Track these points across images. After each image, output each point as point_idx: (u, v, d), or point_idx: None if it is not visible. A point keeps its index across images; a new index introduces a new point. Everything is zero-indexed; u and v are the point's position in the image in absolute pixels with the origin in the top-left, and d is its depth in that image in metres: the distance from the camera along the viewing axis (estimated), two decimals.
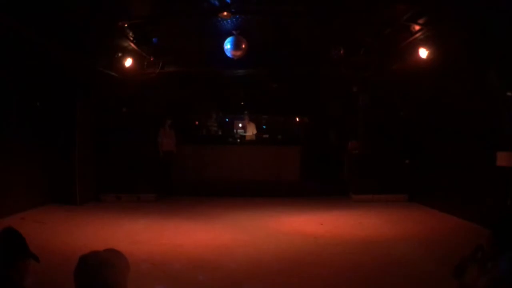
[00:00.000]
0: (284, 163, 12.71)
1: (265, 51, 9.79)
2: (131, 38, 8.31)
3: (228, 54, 8.27)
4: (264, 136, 14.26)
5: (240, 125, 14.66)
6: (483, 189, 7.81)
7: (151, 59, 9.93)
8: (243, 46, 8.13)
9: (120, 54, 9.14)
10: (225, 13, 7.17)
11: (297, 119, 15.45)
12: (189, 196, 11.36)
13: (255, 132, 13.97)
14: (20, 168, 8.80)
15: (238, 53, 8.22)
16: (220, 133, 14.33)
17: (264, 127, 15.25)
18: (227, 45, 8.14)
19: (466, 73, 8.29)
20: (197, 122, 15.09)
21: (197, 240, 7.29)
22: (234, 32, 8.14)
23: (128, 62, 9.28)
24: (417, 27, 7.56)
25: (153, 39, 8.53)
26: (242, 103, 14.78)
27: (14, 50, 7.50)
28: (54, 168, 9.94)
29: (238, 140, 13.89)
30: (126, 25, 7.60)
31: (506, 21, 6.17)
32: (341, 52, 9.27)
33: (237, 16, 7.57)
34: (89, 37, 7.91)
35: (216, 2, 6.75)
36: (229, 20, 7.78)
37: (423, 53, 8.02)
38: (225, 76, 11.83)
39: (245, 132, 14.13)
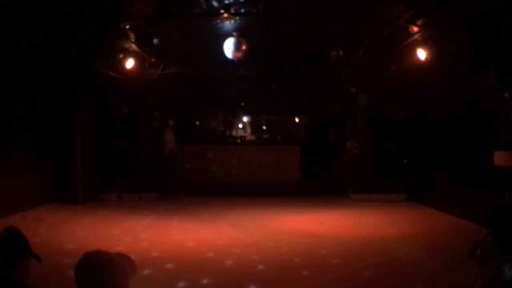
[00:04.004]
0: (284, 163, 12.75)
1: (265, 52, 9.82)
2: (133, 39, 8.35)
3: (229, 55, 8.30)
4: (264, 136, 14.32)
5: (240, 125, 14.72)
6: (481, 189, 7.85)
7: (152, 60, 9.97)
8: (243, 47, 8.15)
9: (121, 55, 9.17)
10: (225, 15, 7.22)
11: (297, 119, 15.48)
12: (189, 196, 11.40)
13: (249, 132, 14.10)
14: (21, 168, 8.85)
15: (239, 54, 8.25)
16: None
17: (264, 127, 15.29)
18: (228, 47, 8.17)
19: (464, 74, 8.33)
20: (197, 122, 15.12)
21: (197, 239, 7.33)
22: (234, 33, 8.17)
23: (130, 63, 9.31)
24: (415, 29, 7.60)
25: (154, 40, 8.56)
26: (242, 103, 14.81)
27: (15, 50, 7.53)
28: (56, 168, 9.99)
29: (238, 140, 13.96)
30: (127, 27, 7.63)
31: (506, 21, 6.19)
32: (340, 52, 9.32)
33: (237, 17, 7.61)
34: (90, 37, 7.94)
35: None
36: (229, 22, 7.81)
37: (421, 54, 8.07)
38: (226, 77, 11.86)
39: (245, 132, 14.20)
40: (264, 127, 15.29)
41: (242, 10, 7.39)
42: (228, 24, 7.97)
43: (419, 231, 7.96)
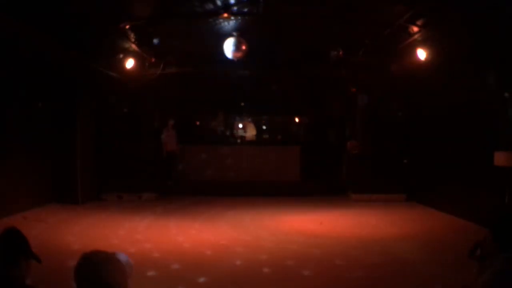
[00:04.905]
0: (284, 163, 12.74)
1: (265, 52, 9.82)
2: (133, 40, 8.35)
3: (229, 55, 8.31)
4: (264, 136, 14.30)
5: (240, 125, 14.72)
6: (481, 189, 7.85)
7: (152, 60, 9.97)
8: (243, 47, 8.16)
9: (121, 55, 9.18)
10: (225, 15, 7.22)
11: (297, 119, 15.48)
12: (189, 196, 11.40)
13: (254, 133, 14.07)
14: (21, 168, 8.85)
15: (239, 54, 8.25)
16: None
17: (264, 127, 15.28)
18: (228, 47, 8.18)
19: (464, 74, 8.33)
20: (197, 122, 15.12)
21: (197, 239, 7.34)
22: (234, 33, 8.17)
23: (130, 63, 9.31)
24: (415, 29, 7.60)
25: (154, 40, 8.56)
26: (242, 103, 14.81)
27: (15, 50, 7.54)
28: (56, 168, 9.99)
29: (238, 140, 13.95)
30: (127, 27, 7.64)
31: (506, 21, 6.19)
32: (340, 52, 9.32)
33: (237, 17, 7.61)
34: (90, 37, 7.94)
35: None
36: (229, 22, 7.82)
37: (421, 54, 8.07)
38: (226, 77, 11.87)
39: (245, 132, 14.19)
40: (264, 127, 15.27)
41: (242, 10, 7.40)
42: (228, 24, 7.97)
43: (419, 231, 7.96)
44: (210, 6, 7.09)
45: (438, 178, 9.76)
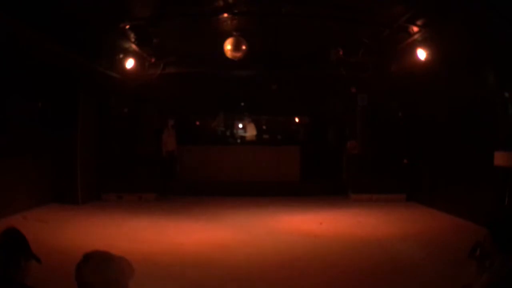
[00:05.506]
0: (284, 163, 12.74)
1: (265, 52, 9.83)
2: (133, 40, 8.36)
3: (228, 55, 8.31)
4: (264, 136, 14.32)
5: (241, 125, 14.73)
6: (481, 189, 7.85)
7: (152, 60, 9.97)
8: (243, 47, 8.17)
9: (121, 55, 9.18)
10: (225, 15, 7.23)
11: (297, 119, 15.49)
12: (189, 196, 11.40)
13: (254, 133, 14.07)
14: (21, 168, 8.85)
15: (238, 54, 8.26)
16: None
17: (264, 127, 15.29)
18: (227, 46, 8.18)
19: (464, 74, 8.33)
20: (198, 123, 15.13)
21: (197, 239, 7.33)
22: (234, 33, 8.18)
23: (130, 63, 9.32)
24: (415, 29, 7.60)
25: (154, 39, 8.58)
26: (242, 103, 14.83)
27: (15, 50, 7.54)
28: (56, 168, 9.99)
29: (238, 140, 13.95)
30: (127, 26, 7.64)
31: (505, 21, 6.20)
32: (340, 53, 9.33)
33: (237, 17, 7.62)
34: (90, 38, 7.95)
35: None
36: (229, 22, 7.82)
37: (421, 54, 8.07)
38: (225, 77, 11.87)
39: (245, 132, 14.19)
40: (264, 127, 15.28)
41: (242, 10, 7.41)
42: (228, 24, 7.98)
43: (419, 231, 7.95)
44: (210, 6, 7.11)
45: (438, 178, 9.76)
